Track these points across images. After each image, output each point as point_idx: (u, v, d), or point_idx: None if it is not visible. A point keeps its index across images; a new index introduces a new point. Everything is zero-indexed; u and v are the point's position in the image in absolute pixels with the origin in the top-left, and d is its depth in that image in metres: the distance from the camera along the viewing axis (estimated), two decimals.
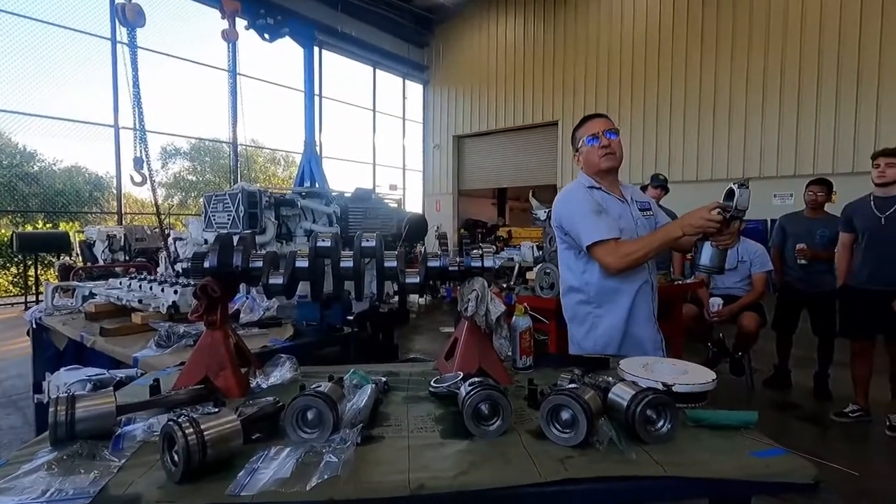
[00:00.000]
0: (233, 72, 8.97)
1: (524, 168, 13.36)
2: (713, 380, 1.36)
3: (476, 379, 1.23)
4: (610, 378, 1.35)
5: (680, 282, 3.66)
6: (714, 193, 1.61)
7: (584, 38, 11.72)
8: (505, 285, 3.24)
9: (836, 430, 3.26)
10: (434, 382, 1.39)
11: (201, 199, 4.06)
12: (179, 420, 0.94)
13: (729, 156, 9.79)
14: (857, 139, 8.48)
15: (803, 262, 3.80)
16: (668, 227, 1.72)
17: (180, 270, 3.53)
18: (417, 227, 4.36)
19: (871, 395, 3.34)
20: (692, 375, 1.39)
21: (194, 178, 17.57)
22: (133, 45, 5.43)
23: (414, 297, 8.71)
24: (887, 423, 3.14)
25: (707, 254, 1.62)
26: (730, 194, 1.55)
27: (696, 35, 10.08)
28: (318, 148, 10.29)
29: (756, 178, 9.41)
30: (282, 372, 1.52)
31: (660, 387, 1.28)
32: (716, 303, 3.84)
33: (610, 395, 1.19)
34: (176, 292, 2.29)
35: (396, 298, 5.82)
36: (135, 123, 5.54)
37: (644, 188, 4.66)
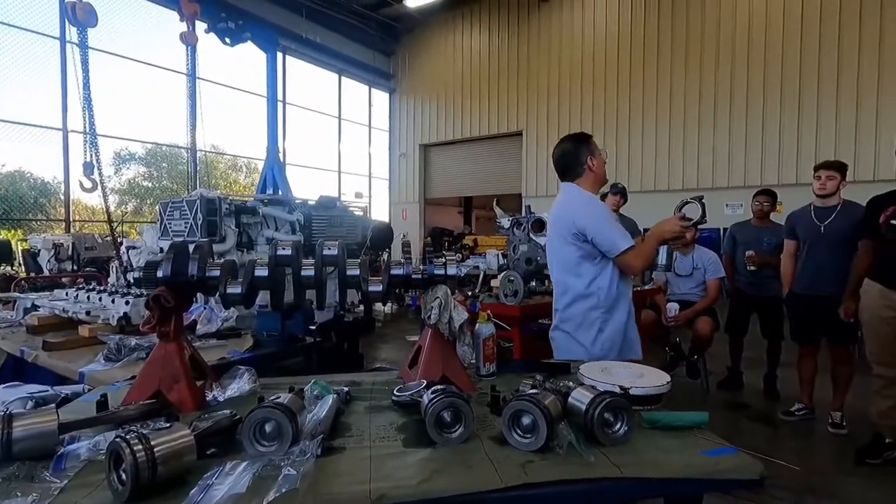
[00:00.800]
0: (192, 76, 8.71)
1: (490, 177, 13.53)
2: (668, 382, 1.41)
3: (439, 387, 1.23)
4: (570, 383, 1.38)
5: (639, 288, 3.78)
6: (670, 203, 1.74)
7: (548, 50, 12.03)
8: (470, 293, 3.26)
9: (785, 429, 3.42)
10: (397, 391, 1.38)
11: (157, 207, 3.91)
12: (127, 436, 0.90)
13: (684, 167, 10.22)
14: (799, 152, 9.03)
15: (752, 268, 4.00)
16: (654, 234, 1.91)
17: (131, 280, 3.37)
18: (383, 235, 4.34)
19: (816, 395, 3.53)
20: (648, 378, 1.44)
21: (150, 185, 16.90)
22: (84, 46, 5.20)
23: (380, 306, 8.64)
24: (830, 421, 3.32)
25: (663, 254, 1.88)
26: (682, 206, 1.76)
27: (653, 51, 10.52)
28: (281, 155, 10.11)
29: (709, 188, 9.86)
30: (240, 384, 1.47)
31: (617, 390, 1.32)
32: (673, 308, 3.98)
33: (570, 399, 1.22)
34: (128, 303, 2.19)
35: (362, 307, 5.75)
36: (85, 127, 5.29)
37: (604, 196, 4.79)
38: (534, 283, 2.89)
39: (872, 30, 8.27)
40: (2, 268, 7.41)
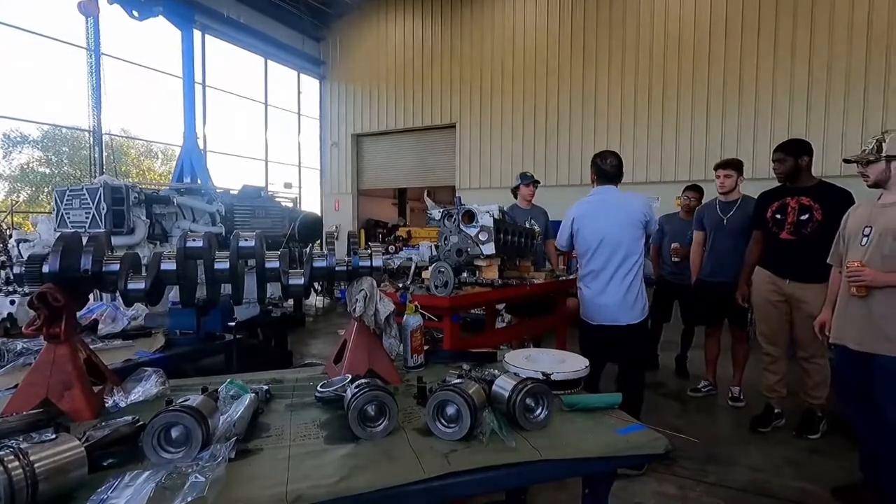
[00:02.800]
0: (95, 51, 7.90)
1: (424, 169, 13.49)
2: (587, 367, 1.48)
3: (363, 380, 1.21)
4: (496, 371, 1.40)
5: (563, 277, 3.93)
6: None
7: (481, 43, 12.15)
8: (401, 284, 3.23)
9: (692, 404, 3.73)
10: (320, 387, 1.34)
11: (53, 195, 3.52)
12: (1, 452, 0.79)
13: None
14: (707, 150, 9.82)
15: (676, 259, 4.30)
16: None
17: (10, 277, 3.02)
18: (311, 226, 4.20)
19: (718, 373, 3.88)
20: (569, 364, 1.50)
21: (48, 171, 15.20)
22: None
23: (312, 300, 8.39)
24: (729, 395, 3.66)
25: None
26: None
27: (579, 45, 10.96)
28: (201, 141, 9.46)
29: (629, 182, 10.47)
30: (146, 387, 1.36)
31: (540, 376, 1.36)
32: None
33: (493, 386, 1.24)
34: (13, 303, 1.95)
35: (291, 302, 5.53)
36: None
37: (516, 188, 4.84)
38: (465, 275, 2.92)
39: (767, 41, 9.14)
40: None
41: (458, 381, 1.20)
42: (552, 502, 2.33)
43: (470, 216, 2.72)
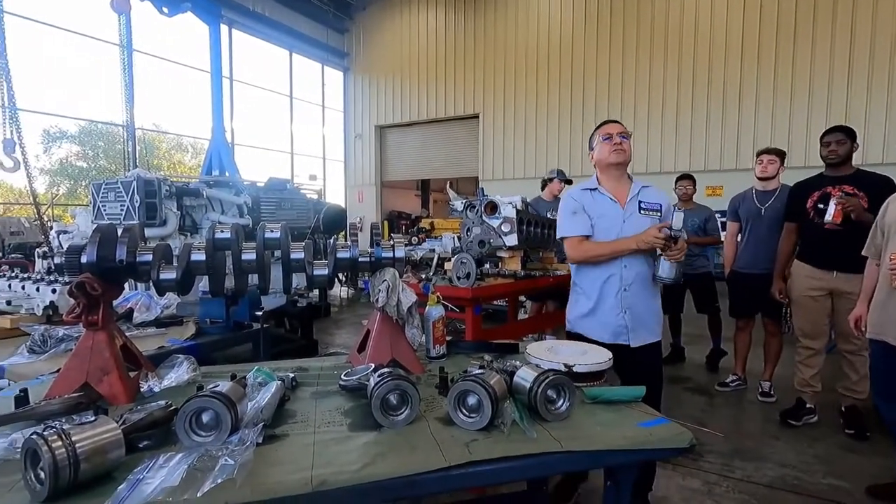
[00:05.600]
0: (128, 47, 8.13)
1: (447, 160, 13.47)
2: (609, 359, 1.47)
3: (386, 369, 1.23)
4: (518, 362, 1.40)
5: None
6: None
7: (504, 33, 12.00)
8: (424, 276, 3.25)
9: (720, 399, 3.65)
10: (344, 376, 1.36)
11: (90, 188, 3.66)
12: (45, 433, 0.84)
13: (633, 152, 10.53)
14: (739, 140, 9.50)
15: None
16: (625, 239, 1.99)
17: (52, 266, 3.16)
18: (335, 218, 4.25)
19: (748, 367, 3.78)
20: (591, 356, 1.49)
21: (85, 165, 15.78)
22: None
23: (336, 291, 8.52)
24: (759, 390, 3.57)
25: (664, 267, 1.92)
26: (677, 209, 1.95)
27: (605, 36, 10.71)
28: (229, 135, 9.66)
29: (642, 173, 10.24)
30: (178, 373, 1.41)
31: (562, 368, 1.35)
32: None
33: (515, 377, 1.24)
34: (54, 291, 2.04)
35: (316, 292, 5.64)
36: (3, 101, 4.85)
37: (548, 181, 4.83)
38: (487, 266, 2.91)
39: (805, 30, 8.75)
40: None
41: (480, 371, 1.21)
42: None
43: (493, 207, 2.71)
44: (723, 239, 4.05)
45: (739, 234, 3.74)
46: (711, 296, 4.34)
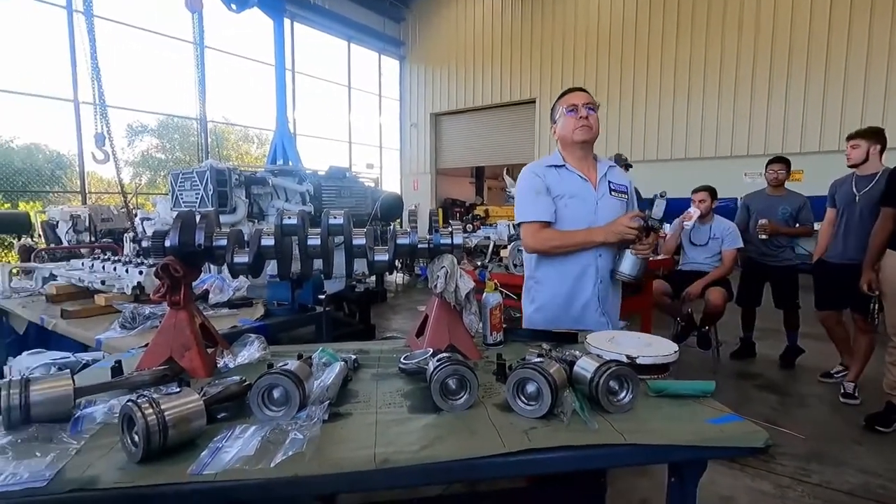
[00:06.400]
0: (200, 44, 8.60)
1: (502, 146, 13.32)
2: (675, 352, 1.40)
3: (444, 354, 1.24)
4: (577, 352, 1.37)
5: (650, 258, 3.74)
6: (688, 172, 1.66)
7: (563, 14, 11.62)
8: (479, 263, 3.26)
9: (795, 398, 3.42)
10: (403, 359, 1.40)
11: (169, 178, 3.93)
12: (139, 401, 0.92)
13: (702, 135, 9.94)
14: (824, 118, 8.70)
15: (763, 236, 3.94)
16: (594, 230, 1.79)
17: (140, 250, 3.43)
18: (392, 206, 4.33)
19: (826, 364, 3.52)
20: (655, 348, 1.43)
21: (163, 157, 16.96)
22: (89, 14, 5.14)
23: (392, 277, 8.71)
24: (842, 391, 3.30)
25: (628, 262, 1.74)
26: (661, 195, 1.70)
27: (673, 17, 10.10)
28: (291, 125, 10.04)
29: (727, 156, 9.60)
30: (250, 351, 1.50)
31: (624, 359, 1.31)
32: (695, 213, 3.93)
33: (575, 367, 1.22)
34: (141, 273, 2.23)
35: (373, 278, 5.79)
36: (94, 98, 5.29)
37: None
38: None
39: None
40: (22, 239, 7.58)
41: (539, 359, 1.19)
42: (632, 489, 2.27)
43: None
44: (817, 228, 3.76)
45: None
46: (793, 290, 4.04)
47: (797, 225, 4.02)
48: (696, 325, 4.12)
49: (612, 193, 1.87)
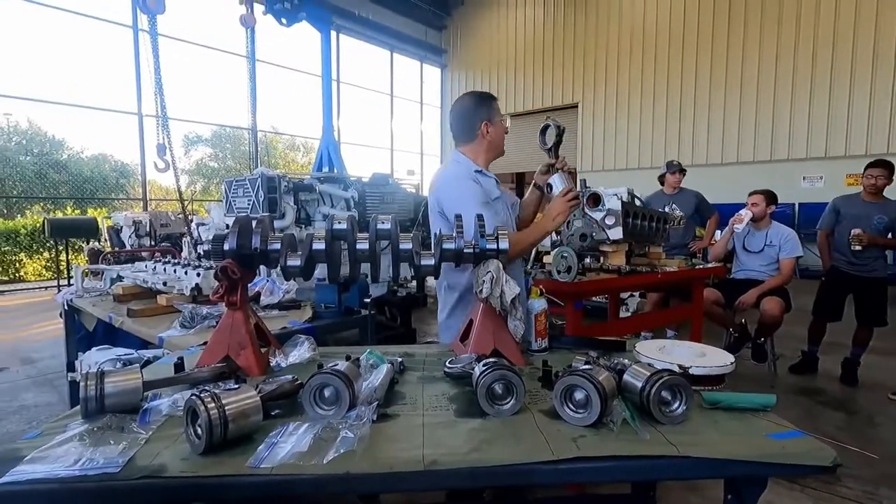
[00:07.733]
0: (252, 58, 9.01)
1: (543, 152, 13.18)
2: (731, 363, 1.35)
3: (490, 360, 1.24)
4: (626, 360, 1.34)
5: (700, 266, 3.59)
6: (740, 176, 1.60)
7: (606, 18, 11.42)
8: (523, 270, 3.22)
9: (861, 416, 3.19)
10: (449, 363, 1.41)
11: (223, 185, 4.13)
12: (202, 395, 0.97)
13: (756, 138, 9.48)
14: (892, 119, 8.13)
15: (858, 247, 3.56)
16: (542, 221, 1.83)
17: (202, 253, 3.61)
18: None
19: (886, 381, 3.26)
20: (710, 358, 1.38)
21: (216, 165, 17.83)
22: (154, 33, 5.49)
23: (431, 282, 8.77)
24: None
25: (558, 181, 1.92)
26: (544, 130, 1.94)
27: (724, 15, 9.73)
28: (335, 133, 10.32)
29: (784, 160, 9.12)
30: (300, 352, 1.55)
31: (676, 369, 1.27)
32: (746, 215, 3.76)
33: (625, 376, 1.19)
34: (198, 275, 2.35)
35: (414, 284, 5.84)
36: (157, 111, 5.64)
37: (662, 176, 4.59)
38: (588, 260, 2.82)
39: None
40: (91, 243, 8.13)
41: (587, 367, 1.17)
42: None
43: (596, 199, 2.60)
44: None
45: None
46: (881, 305, 3.68)
47: (889, 236, 3.65)
48: (750, 336, 3.92)
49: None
